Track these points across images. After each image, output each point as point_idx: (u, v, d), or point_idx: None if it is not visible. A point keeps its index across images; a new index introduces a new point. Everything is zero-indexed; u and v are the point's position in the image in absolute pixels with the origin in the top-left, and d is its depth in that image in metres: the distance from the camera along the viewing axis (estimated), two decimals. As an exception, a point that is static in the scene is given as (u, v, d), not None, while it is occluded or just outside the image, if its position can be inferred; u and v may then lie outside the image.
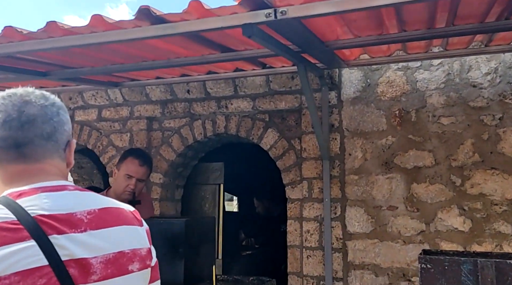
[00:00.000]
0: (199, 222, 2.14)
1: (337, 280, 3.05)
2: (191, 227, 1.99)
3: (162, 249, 1.93)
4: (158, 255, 2.01)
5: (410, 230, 2.94)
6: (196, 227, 2.05)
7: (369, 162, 3.13)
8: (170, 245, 1.92)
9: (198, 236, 2.05)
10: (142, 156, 2.68)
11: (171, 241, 1.92)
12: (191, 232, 1.98)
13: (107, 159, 3.85)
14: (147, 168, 2.66)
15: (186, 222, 1.92)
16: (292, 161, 3.38)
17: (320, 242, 3.13)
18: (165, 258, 1.92)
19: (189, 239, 1.95)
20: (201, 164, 4.11)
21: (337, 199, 3.15)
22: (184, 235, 1.91)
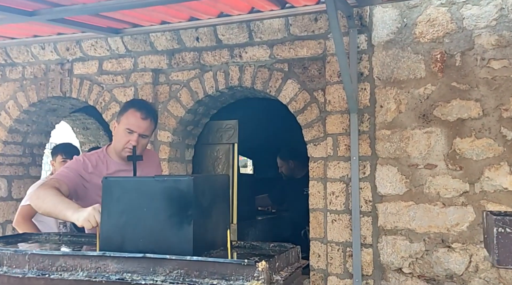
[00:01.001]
0: (211, 180, 1.84)
1: (366, 246, 2.77)
2: (201, 185, 1.68)
3: (167, 211, 1.65)
4: (162, 219, 1.73)
5: (451, 191, 2.61)
6: (207, 186, 1.75)
7: (403, 114, 2.77)
8: (177, 207, 1.63)
9: (210, 196, 1.75)
10: (145, 108, 2.34)
11: (178, 202, 1.63)
12: (201, 191, 1.67)
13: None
14: (151, 122, 2.32)
15: (194, 180, 1.61)
16: (314, 116, 3.03)
17: (347, 205, 2.84)
18: (171, 223, 1.65)
19: (199, 199, 1.65)
20: (213, 122, 3.80)
21: (366, 157, 2.82)
22: (193, 195, 1.61)
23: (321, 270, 2.91)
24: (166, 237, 1.62)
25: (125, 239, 1.66)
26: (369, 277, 2.74)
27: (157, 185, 1.66)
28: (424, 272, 2.64)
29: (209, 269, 1.52)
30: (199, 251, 1.66)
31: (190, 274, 1.53)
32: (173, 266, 1.54)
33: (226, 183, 2.00)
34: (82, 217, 1.84)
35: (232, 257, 1.73)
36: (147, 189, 1.67)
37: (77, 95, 3.64)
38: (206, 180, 1.78)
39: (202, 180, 1.74)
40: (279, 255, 1.65)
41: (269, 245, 1.97)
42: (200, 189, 1.68)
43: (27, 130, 4.04)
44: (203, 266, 1.52)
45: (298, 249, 1.92)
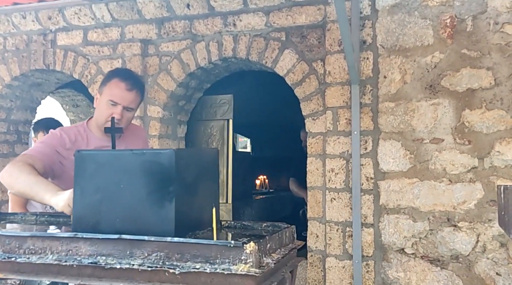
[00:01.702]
0: (197, 153, 1.68)
1: (367, 226, 2.63)
2: (185, 159, 1.52)
3: (146, 188, 1.49)
4: (141, 196, 1.58)
5: (458, 166, 2.45)
6: (192, 160, 1.58)
7: (409, 85, 2.58)
8: (157, 183, 1.47)
9: (196, 172, 1.59)
10: (130, 78, 2.14)
11: (158, 177, 1.47)
12: (184, 165, 1.51)
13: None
14: (137, 93, 2.13)
15: (176, 153, 1.45)
16: (313, 88, 2.85)
17: (347, 182, 2.68)
18: (151, 200, 1.49)
19: (181, 174, 1.49)
20: (207, 97, 3.62)
21: (368, 132, 2.65)
22: (175, 169, 1.45)
23: (319, 251, 2.78)
24: (145, 216, 1.47)
25: (100, 219, 1.51)
26: (369, 258, 2.61)
27: (135, 159, 1.49)
28: (428, 252, 2.51)
29: (192, 251, 1.37)
30: (182, 232, 1.51)
31: (171, 257, 1.38)
32: (152, 249, 1.40)
33: (215, 158, 1.83)
34: (61, 201, 1.68)
35: (219, 238, 1.58)
36: (124, 163, 1.51)
37: (61, 68, 3.45)
38: (191, 154, 1.62)
39: (186, 154, 1.58)
40: (271, 236, 1.49)
41: (261, 225, 1.82)
42: (183, 163, 1.52)
43: (10, 106, 3.86)
44: (185, 248, 1.37)
45: (293, 229, 1.77)
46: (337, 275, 2.68)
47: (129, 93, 2.07)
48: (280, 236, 1.60)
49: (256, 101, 4.81)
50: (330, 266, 2.71)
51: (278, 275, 1.50)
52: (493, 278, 2.37)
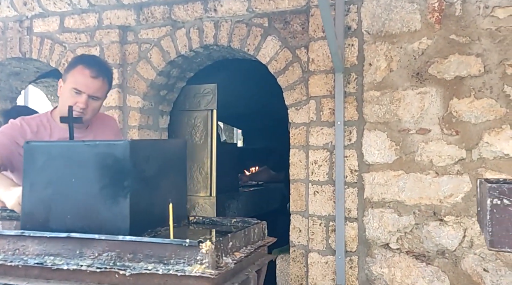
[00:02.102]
0: (158, 145, 1.57)
1: (351, 220, 2.53)
2: (143, 151, 1.41)
3: (100, 182, 1.39)
4: (94, 191, 1.48)
5: (445, 158, 2.35)
6: (152, 152, 1.48)
7: (395, 73, 2.47)
8: (111, 177, 1.36)
9: (157, 165, 1.49)
10: (96, 65, 2.02)
11: (112, 170, 1.37)
12: (142, 158, 1.41)
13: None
14: (103, 81, 2.01)
15: (132, 144, 1.35)
16: (296, 76, 2.74)
17: (330, 175, 2.58)
18: (104, 196, 1.39)
19: (138, 167, 1.39)
20: (190, 87, 3.51)
21: (353, 122, 2.54)
22: (130, 162, 1.35)
23: (302, 246, 2.69)
24: (99, 213, 1.37)
25: (50, 216, 1.41)
26: (353, 254, 2.52)
27: (88, 151, 1.39)
28: (413, 247, 2.42)
29: (145, 251, 1.27)
30: (140, 229, 1.41)
31: (123, 257, 1.28)
32: (103, 248, 1.30)
33: (182, 150, 1.73)
34: (12, 198, 1.59)
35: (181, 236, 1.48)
36: (77, 155, 1.40)
37: (38, 56, 3.33)
38: (150, 145, 1.52)
39: (145, 145, 1.48)
40: (234, 233, 1.40)
41: (231, 221, 1.72)
42: (141, 155, 1.42)
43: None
44: (138, 247, 1.27)
45: (264, 225, 1.67)
46: (319, 271, 2.60)
47: (95, 80, 1.94)
48: (246, 233, 1.51)
49: (246, 91, 4.70)
50: (312, 261, 2.62)
51: (241, 275, 1.41)
52: (480, 275, 2.28)
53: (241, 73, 4.06)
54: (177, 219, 1.67)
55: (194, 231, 1.63)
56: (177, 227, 1.63)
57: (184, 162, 1.74)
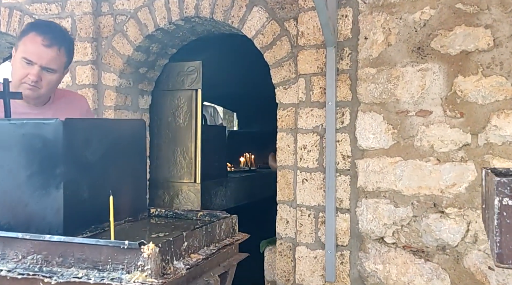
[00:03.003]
0: (102, 125, 1.34)
1: (342, 211, 2.32)
2: (81, 132, 1.19)
3: (29, 169, 1.17)
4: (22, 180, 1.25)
5: (448, 143, 2.12)
6: (94, 133, 1.25)
7: (393, 48, 2.22)
8: (41, 163, 1.14)
9: (102, 149, 1.26)
10: (51, 32, 1.77)
11: (42, 155, 1.14)
12: (80, 141, 1.18)
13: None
14: (59, 51, 1.76)
15: (66, 124, 1.12)
16: (285, 52, 2.49)
17: (320, 161, 2.36)
18: (34, 185, 1.18)
19: (75, 152, 1.16)
20: (173, 64, 3.27)
21: (346, 103, 2.31)
22: (63, 145, 1.12)
23: (289, 239, 2.49)
24: (27, 206, 1.16)
25: (-28, 209, 1.19)
26: (344, 248, 2.32)
27: (14, 131, 1.17)
28: (410, 242, 2.21)
29: (77, 254, 1.06)
30: (78, 226, 1.19)
31: (51, 261, 1.07)
32: (28, 249, 1.09)
33: (140, 131, 1.50)
34: None
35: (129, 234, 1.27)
36: (1, 137, 1.18)
37: (6, 29, 3.09)
38: (93, 126, 1.29)
39: (85, 125, 1.25)
40: (190, 231, 1.18)
41: (196, 214, 1.51)
42: (79, 137, 1.19)
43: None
44: (69, 249, 1.06)
45: (234, 219, 1.46)
46: (308, 266, 2.40)
47: (48, 50, 1.69)
48: (209, 229, 1.29)
49: (238, 70, 4.44)
50: (300, 255, 2.42)
51: (199, 281, 1.20)
52: (484, 273, 2.07)
53: (231, 49, 3.80)
54: (135, 212, 1.46)
55: (151, 227, 1.42)
56: (133, 222, 1.42)
57: (143, 145, 1.51)
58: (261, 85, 4.83)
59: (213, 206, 3.40)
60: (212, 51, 3.63)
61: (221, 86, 4.70)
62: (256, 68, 3.85)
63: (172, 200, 3.26)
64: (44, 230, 1.14)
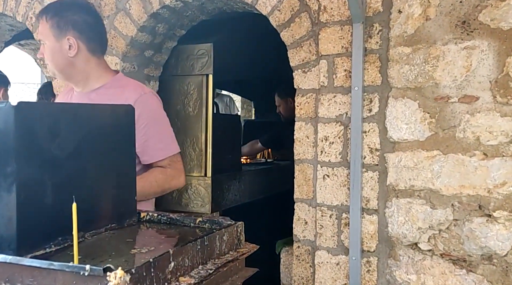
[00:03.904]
0: (74, 111, 1.09)
1: (369, 212, 2.04)
2: (42, 120, 0.94)
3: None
4: None
5: (497, 135, 1.81)
6: (62, 122, 1.00)
7: (433, 22, 1.91)
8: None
9: (73, 141, 1.00)
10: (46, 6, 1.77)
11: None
12: (41, 130, 0.93)
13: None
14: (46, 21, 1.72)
15: (18, 109, 0.87)
16: (304, 30, 2.20)
17: (344, 155, 2.08)
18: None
19: (31, 145, 0.90)
20: (182, 47, 3.01)
21: (375, 88, 2.01)
22: (15, 137, 0.87)
23: (308, 242, 2.22)
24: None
25: None
26: (371, 254, 2.04)
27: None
28: (450, 249, 1.92)
29: (26, 279, 0.81)
30: (36, 241, 0.95)
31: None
32: (-33, 270, 0.85)
33: (127, 120, 1.25)
34: None
35: (105, 249, 1.02)
36: None
37: (3, 9, 2.89)
38: (61, 112, 1.04)
39: (47, 112, 1.00)
40: (181, 247, 0.93)
41: (195, 221, 1.25)
42: (39, 127, 0.95)
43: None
44: (16, 272, 0.82)
45: (239, 228, 1.20)
46: (329, 273, 2.13)
47: (39, 22, 1.64)
48: (207, 243, 1.03)
49: (255, 54, 4.14)
50: (320, 261, 2.15)
51: (191, 311, 0.95)
52: (538, 288, 1.77)
53: (245, 30, 3.52)
54: (120, 217, 1.22)
55: (136, 237, 1.17)
56: (116, 230, 1.18)
57: (131, 137, 1.26)
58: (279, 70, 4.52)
59: (225, 201, 3.15)
60: (225, 32, 3.35)
61: (236, 72, 4.43)
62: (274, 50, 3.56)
63: (181, 195, 3.03)
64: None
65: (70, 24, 1.57)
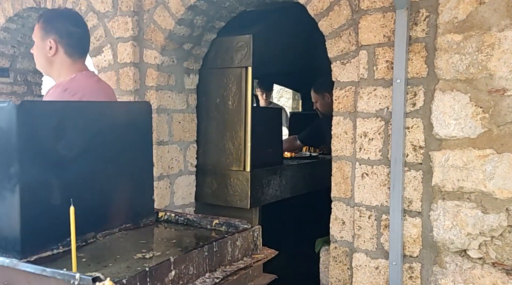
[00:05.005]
0: (80, 110, 1.06)
1: (411, 214, 1.89)
2: (44, 119, 0.92)
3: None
4: None
5: (562, 133, 1.60)
6: (66, 121, 0.98)
7: (487, 6, 1.72)
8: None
9: (79, 141, 0.99)
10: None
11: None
12: (44, 130, 0.91)
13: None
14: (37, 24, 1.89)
15: (20, 108, 0.85)
16: (343, 19, 2.08)
17: (385, 152, 1.94)
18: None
19: (36, 145, 0.89)
20: (221, 39, 2.97)
21: (419, 80, 1.85)
22: (18, 137, 0.86)
23: (346, 243, 2.12)
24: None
25: None
26: (414, 260, 1.90)
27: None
28: (503, 258, 1.74)
29: (23, 284, 0.80)
30: (42, 242, 0.94)
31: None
32: (-30, 271, 0.86)
33: (142, 118, 1.22)
34: None
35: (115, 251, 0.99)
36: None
37: (52, 5, 3.00)
38: (67, 111, 1.02)
39: (53, 111, 0.98)
40: (185, 254, 0.88)
41: (211, 222, 1.21)
42: (44, 126, 0.93)
43: (14, 53, 3.54)
44: (15, 277, 0.81)
45: (256, 232, 1.13)
46: (367, 277, 2.01)
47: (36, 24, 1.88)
48: (216, 249, 0.98)
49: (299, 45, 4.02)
50: (358, 264, 2.04)
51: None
52: None
53: (287, 21, 3.41)
54: (136, 217, 1.20)
55: (147, 240, 1.14)
56: (130, 230, 1.16)
57: (147, 134, 1.23)
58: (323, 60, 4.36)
59: (265, 197, 3.10)
60: (266, 22, 3.26)
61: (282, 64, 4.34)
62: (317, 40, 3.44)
63: (220, 189, 3.02)
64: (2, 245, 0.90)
65: (54, 30, 1.81)
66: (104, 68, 2.83)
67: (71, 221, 0.83)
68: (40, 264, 0.82)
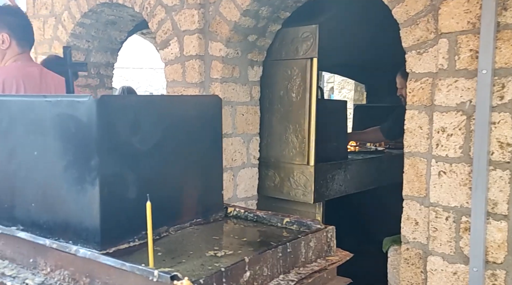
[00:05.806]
0: (155, 104, 1.07)
1: (496, 217, 1.75)
2: (124, 112, 0.93)
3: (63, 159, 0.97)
4: (58, 171, 1.00)
5: None
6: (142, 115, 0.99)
7: None
8: (74, 152, 0.92)
9: (156, 133, 1.00)
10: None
11: (75, 142, 0.92)
12: (123, 123, 0.93)
13: (156, 24, 2.95)
14: None
15: (100, 102, 0.87)
16: (421, 5, 1.95)
17: (466, 149, 1.80)
18: (70, 179, 0.97)
19: (114, 139, 0.91)
20: (286, 30, 2.92)
21: (508, 70, 1.69)
22: (97, 130, 0.88)
23: (419, 245, 2.01)
24: (64, 203, 0.96)
25: (15, 200, 1.05)
26: (498, 266, 1.76)
27: (49, 110, 0.96)
28: None
29: (103, 276, 0.82)
30: (120, 234, 0.96)
31: (78, 281, 0.85)
32: (56, 261, 0.88)
33: (212, 111, 1.21)
34: None
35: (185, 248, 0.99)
36: (37, 116, 0.99)
37: (123, 0, 3.09)
38: (143, 105, 1.02)
39: (130, 105, 0.99)
40: (260, 254, 0.86)
41: (282, 220, 1.17)
42: (121, 120, 0.94)
43: (88, 47, 3.71)
44: (96, 269, 0.83)
45: (330, 232, 1.09)
46: (444, 283, 1.90)
47: None
48: (290, 250, 0.95)
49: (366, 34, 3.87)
50: (433, 268, 1.93)
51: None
52: None
53: (355, 8, 3.28)
54: (206, 211, 1.19)
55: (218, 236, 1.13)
56: (201, 225, 1.15)
57: (217, 128, 1.22)
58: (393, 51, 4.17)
59: (329, 192, 3.03)
60: (333, 11, 3.16)
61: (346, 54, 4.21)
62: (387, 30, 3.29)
63: (283, 183, 2.99)
64: (81, 236, 0.93)
65: (6, 24, 1.97)
66: (171, 61, 2.89)
67: (148, 216, 0.83)
68: (119, 257, 0.83)
